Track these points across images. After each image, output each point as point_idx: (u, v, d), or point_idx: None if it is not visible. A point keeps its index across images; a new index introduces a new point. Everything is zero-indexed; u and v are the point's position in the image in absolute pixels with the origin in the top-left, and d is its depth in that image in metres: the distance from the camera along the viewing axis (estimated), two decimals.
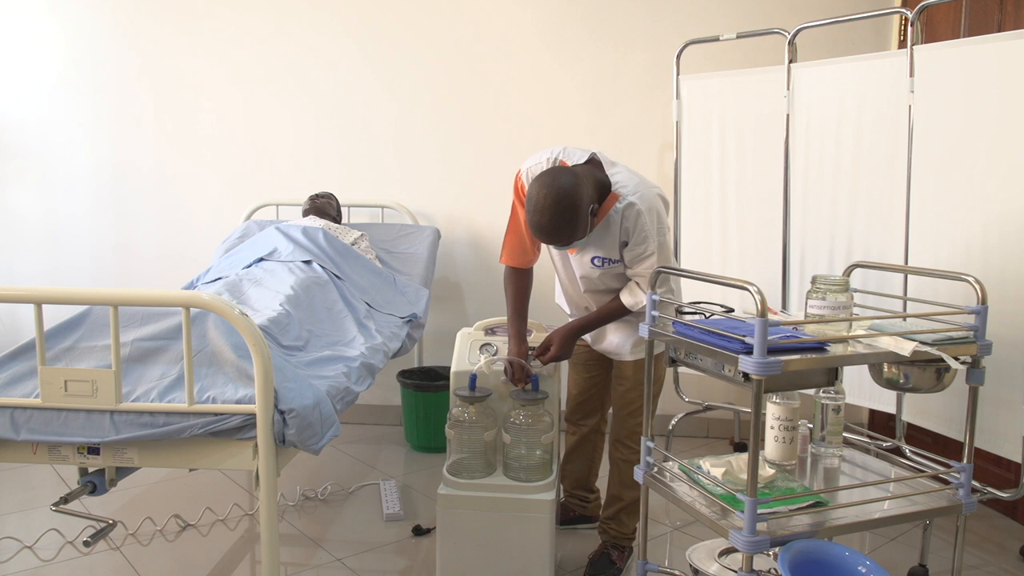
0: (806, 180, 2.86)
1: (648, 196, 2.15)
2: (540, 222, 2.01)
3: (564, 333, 2.30)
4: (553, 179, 2.00)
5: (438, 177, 3.74)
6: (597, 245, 2.20)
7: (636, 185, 2.15)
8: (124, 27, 3.78)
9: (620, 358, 2.40)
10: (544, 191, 1.99)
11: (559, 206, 1.98)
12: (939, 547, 2.51)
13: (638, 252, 2.16)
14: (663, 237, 2.16)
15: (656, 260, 2.14)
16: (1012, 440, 2.23)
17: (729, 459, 1.91)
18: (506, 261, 2.38)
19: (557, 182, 1.99)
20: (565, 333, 2.30)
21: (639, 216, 2.11)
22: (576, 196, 1.99)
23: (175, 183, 3.85)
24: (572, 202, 1.98)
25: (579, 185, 2.01)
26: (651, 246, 2.14)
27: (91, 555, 2.46)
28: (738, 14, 3.46)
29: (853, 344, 1.75)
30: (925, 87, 2.44)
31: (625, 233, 2.16)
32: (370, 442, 3.61)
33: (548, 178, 2.01)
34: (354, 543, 2.60)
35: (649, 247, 2.14)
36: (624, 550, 2.47)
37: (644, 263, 2.17)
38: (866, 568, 1.64)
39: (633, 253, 2.17)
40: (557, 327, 2.34)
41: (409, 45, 3.67)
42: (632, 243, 2.16)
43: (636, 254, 2.17)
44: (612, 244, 2.19)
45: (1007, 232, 2.25)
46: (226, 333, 1.92)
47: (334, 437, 1.94)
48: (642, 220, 2.12)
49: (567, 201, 1.98)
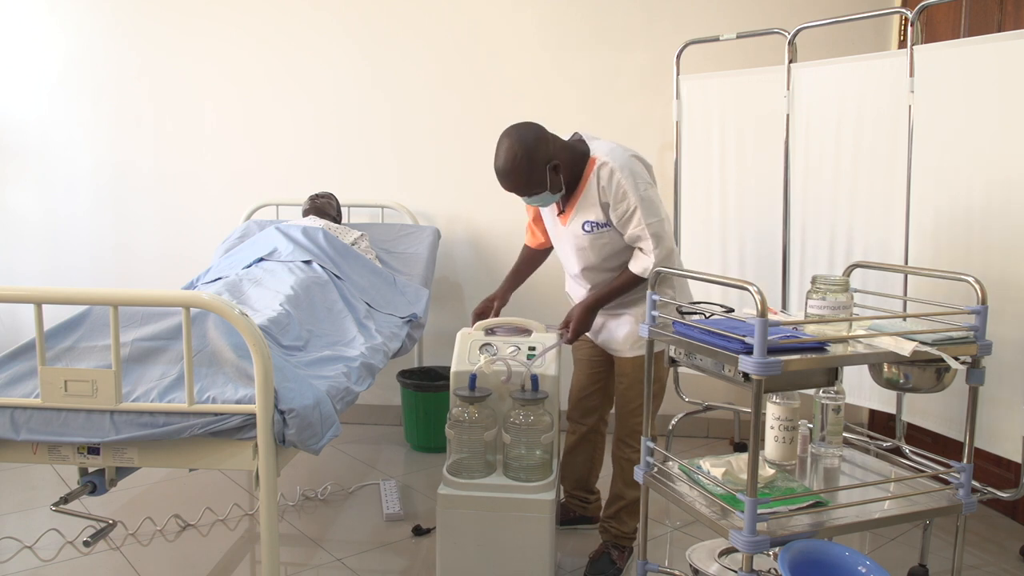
0: (806, 180, 2.86)
1: (620, 156, 2.23)
2: (497, 166, 2.19)
3: (581, 308, 2.35)
4: (515, 129, 2.19)
5: (438, 177, 3.75)
6: (585, 211, 2.29)
7: (610, 149, 2.25)
8: (124, 27, 3.78)
9: (619, 354, 2.42)
10: (504, 140, 2.19)
11: (512, 150, 2.15)
12: (939, 547, 2.51)
13: (621, 211, 2.22)
14: (644, 191, 2.21)
15: (642, 214, 2.20)
16: (1012, 440, 2.23)
17: (729, 459, 1.91)
18: (526, 243, 2.66)
19: (517, 132, 2.18)
20: (582, 308, 2.35)
21: (612, 174, 2.20)
22: (531, 146, 2.15)
23: (175, 183, 3.85)
24: (526, 150, 2.15)
25: (538, 139, 2.18)
26: (631, 201, 2.19)
27: (91, 555, 2.46)
28: (738, 14, 3.46)
29: (853, 344, 1.75)
30: (925, 87, 2.44)
31: (604, 193, 2.23)
32: (370, 442, 3.61)
33: (510, 128, 2.20)
34: (354, 543, 2.60)
35: (630, 202, 2.20)
36: (625, 550, 2.48)
37: (632, 220, 2.22)
38: (866, 568, 1.64)
39: (618, 213, 2.23)
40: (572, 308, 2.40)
41: (409, 45, 3.67)
42: (613, 203, 2.22)
43: (620, 213, 2.22)
44: (595, 207, 2.26)
45: (1007, 232, 2.25)
46: (226, 333, 1.92)
47: (334, 437, 1.94)
48: (616, 177, 2.20)
49: (521, 148, 2.15)
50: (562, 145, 2.26)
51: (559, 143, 2.25)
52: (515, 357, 2.33)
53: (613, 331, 2.43)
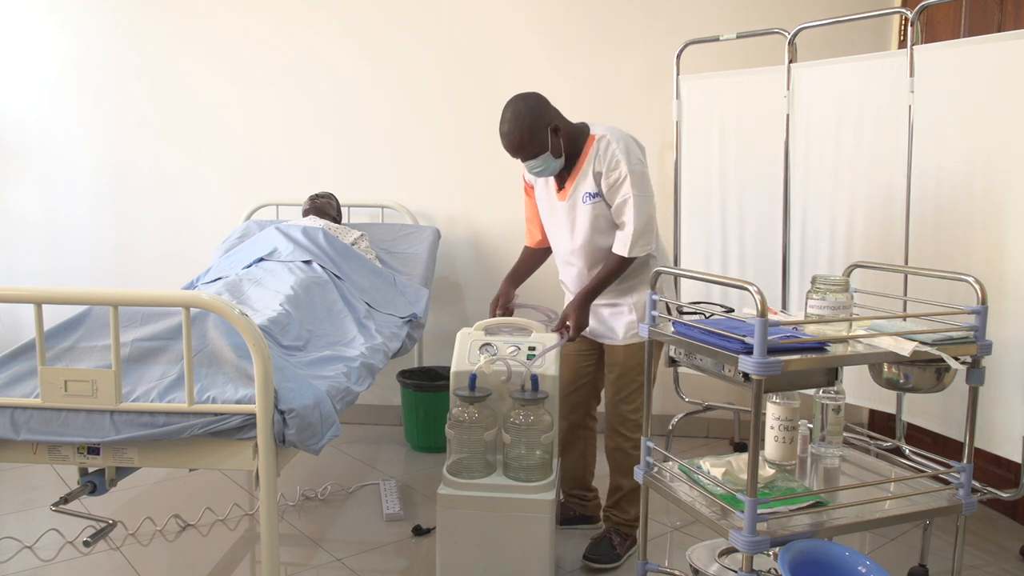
0: (806, 180, 2.86)
1: (618, 132, 2.35)
2: (501, 127, 2.30)
3: (576, 304, 2.39)
4: (518, 95, 2.32)
5: (438, 177, 3.75)
6: (584, 184, 2.38)
7: (610, 127, 2.37)
8: (124, 27, 3.78)
9: (612, 342, 2.45)
10: (508, 103, 2.31)
11: (516, 111, 2.28)
12: (939, 547, 2.51)
13: (613, 179, 2.31)
14: (636, 166, 2.31)
15: (631, 184, 2.28)
16: (1012, 440, 2.23)
17: (729, 459, 1.91)
18: (527, 243, 2.69)
19: (521, 96, 2.31)
20: (577, 303, 2.39)
21: (608, 144, 2.31)
22: (534, 108, 2.28)
23: (175, 183, 3.85)
24: (529, 110, 2.27)
25: (540, 102, 2.31)
26: (623, 170, 2.29)
27: (91, 555, 2.46)
28: (738, 14, 3.46)
29: (853, 344, 1.75)
30: (925, 87, 2.44)
31: (599, 162, 2.33)
32: (370, 442, 3.61)
33: (514, 96, 2.32)
34: (354, 543, 2.60)
35: (622, 171, 2.29)
36: (627, 538, 2.53)
37: (621, 190, 2.30)
38: (866, 568, 1.64)
39: (609, 181, 2.32)
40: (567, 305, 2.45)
41: (410, 46, 3.67)
42: (606, 172, 2.32)
43: (612, 181, 2.32)
44: (590, 178, 2.36)
45: (1007, 232, 2.25)
46: (226, 333, 1.92)
47: (334, 437, 1.94)
48: (611, 148, 2.31)
49: (525, 108, 2.27)
50: (564, 117, 2.38)
51: (560, 115, 2.37)
52: (515, 357, 2.33)
53: (605, 320, 2.47)
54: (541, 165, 2.34)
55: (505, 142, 2.31)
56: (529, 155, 2.31)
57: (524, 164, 2.37)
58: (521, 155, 2.32)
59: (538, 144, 2.29)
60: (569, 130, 2.36)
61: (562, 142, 2.33)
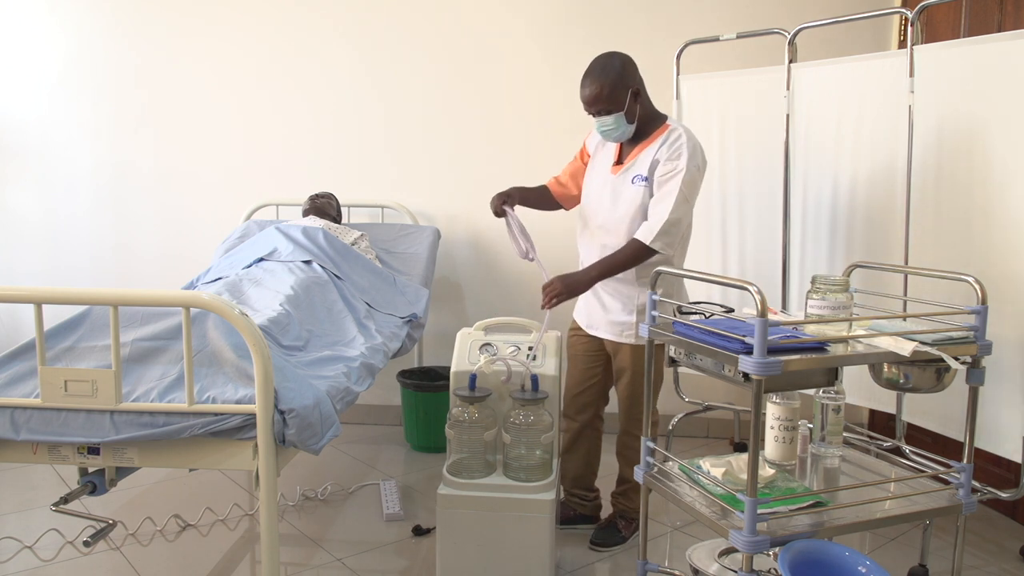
0: (806, 180, 2.86)
1: (692, 134, 2.36)
2: (584, 80, 2.31)
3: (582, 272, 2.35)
4: (611, 51, 2.36)
5: (438, 177, 3.74)
6: (641, 164, 2.37)
7: (687, 128, 2.38)
8: (124, 28, 3.78)
9: (618, 340, 2.44)
10: (599, 56, 2.34)
11: (609, 59, 2.31)
12: (939, 547, 2.51)
13: (668, 168, 2.30)
14: (694, 170, 2.30)
15: (682, 182, 2.27)
16: (1012, 440, 2.23)
17: (729, 459, 1.91)
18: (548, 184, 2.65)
19: (612, 52, 2.35)
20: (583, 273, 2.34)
21: (679, 137, 2.32)
22: (620, 66, 2.30)
23: (175, 183, 3.85)
24: (617, 67, 2.29)
25: (629, 65, 2.33)
26: (681, 163, 2.29)
27: (91, 555, 2.46)
28: (738, 14, 3.46)
29: (853, 344, 1.75)
30: (925, 87, 2.44)
31: (664, 150, 2.32)
32: (370, 442, 3.61)
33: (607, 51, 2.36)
34: (354, 543, 2.60)
35: (680, 164, 2.29)
36: (632, 522, 2.58)
37: (670, 182, 2.29)
38: (866, 568, 1.64)
39: (664, 169, 2.31)
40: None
41: (410, 46, 3.67)
42: (665, 159, 2.31)
43: (666, 170, 2.31)
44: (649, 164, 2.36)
45: (1007, 232, 2.24)
46: (226, 333, 1.92)
47: (334, 437, 1.94)
48: (680, 141, 2.31)
49: (613, 62, 2.30)
50: (646, 91, 2.39)
51: (644, 87, 2.38)
52: (515, 357, 2.33)
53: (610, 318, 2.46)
54: (612, 124, 2.33)
55: (584, 93, 2.31)
56: (604, 109, 2.31)
57: (596, 120, 2.35)
58: (597, 107, 2.32)
59: (617, 101, 2.29)
60: (648, 107, 2.38)
61: (638, 111, 2.34)
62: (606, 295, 2.47)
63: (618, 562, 2.51)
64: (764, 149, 2.94)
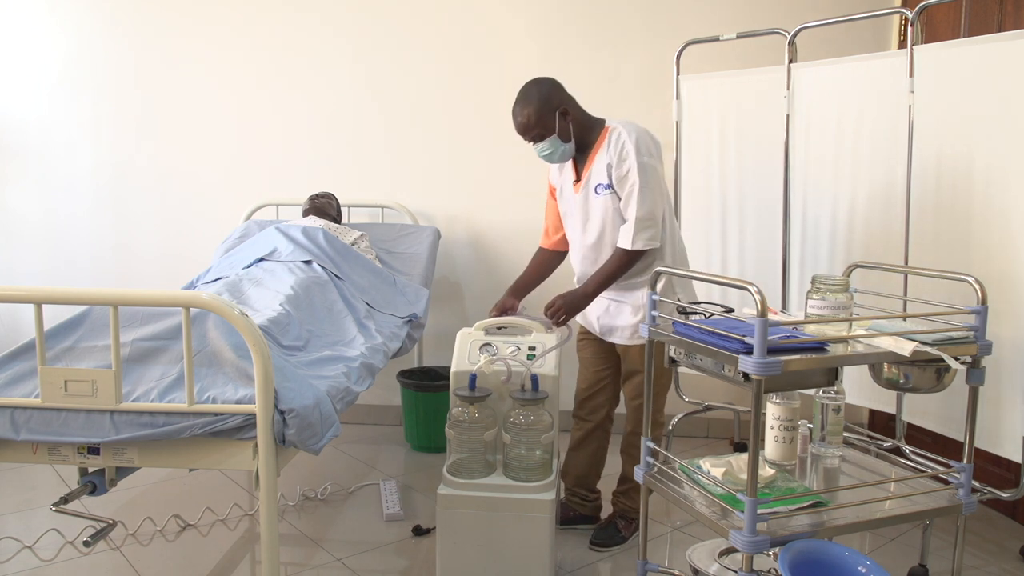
0: (806, 180, 2.86)
1: (633, 127, 2.36)
2: (513, 111, 2.38)
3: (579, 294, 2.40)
4: (533, 78, 2.40)
5: (438, 177, 3.74)
6: (597, 175, 2.40)
7: (626, 121, 2.39)
8: (124, 28, 3.78)
9: (630, 342, 2.46)
10: (524, 85, 2.39)
11: (527, 90, 2.36)
12: (939, 547, 2.51)
13: (623, 170, 2.33)
14: (646, 158, 2.31)
15: (637, 175, 2.29)
16: (1012, 440, 2.23)
17: (729, 459, 1.91)
18: (541, 244, 2.70)
19: (536, 79, 2.40)
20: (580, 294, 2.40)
21: (620, 137, 2.34)
22: (545, 89, 2.36)
23: (175, 183, 3.85)
24: (539, 91, 2.35)
25: (554, 86, 2.39)
26: (631, 160, 2.30)
27: (91, 555, 2.46)
28: (738, 14, 3.46)
29: (853, 344, 1.75)
30: (925, 87, 2.44)
31: (611, 154, 2.35)
32: (370, 442, 3.61)
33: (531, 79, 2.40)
34: (354, 543, 2.60)
35: (630, 162, 2.30)
36: (632, 522, 2.58)
37: (627, 180, 2.31)
38: (866, 568, 1.64)
39: (620, 172, 2.34)
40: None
41: (410, 46, 3.67)
42: (616, 162, 2.34)
43: (621, 173, 2.33)
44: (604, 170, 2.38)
45: (1007, 232, 2.24)
46: (226, 333, 1.92)
47: (334, 437, 1.94)
48: (623, 140, 2.33)
49: (536, 89, 2.36)
50: (578, 105, 2.43)
51: (575, 102, 2.42)
52: (515, 357, 2.33)
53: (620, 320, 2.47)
54: (548, 148, 2.37)
55: (515, 124, 2.38)
56: (536, 136, 2.36)
57: (534, 148, 2.40)
58: (528, 136, 2.37)
59: (545, 126, 2.34)
60: (582, 119, 2.41)
61: (572, 128, 2.36)
62: (613, 301, 2.49)
63: (618, 562, 2.51)
64: (764, 149, 2.94)
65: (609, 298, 2.49)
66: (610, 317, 2.50)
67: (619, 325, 2.47)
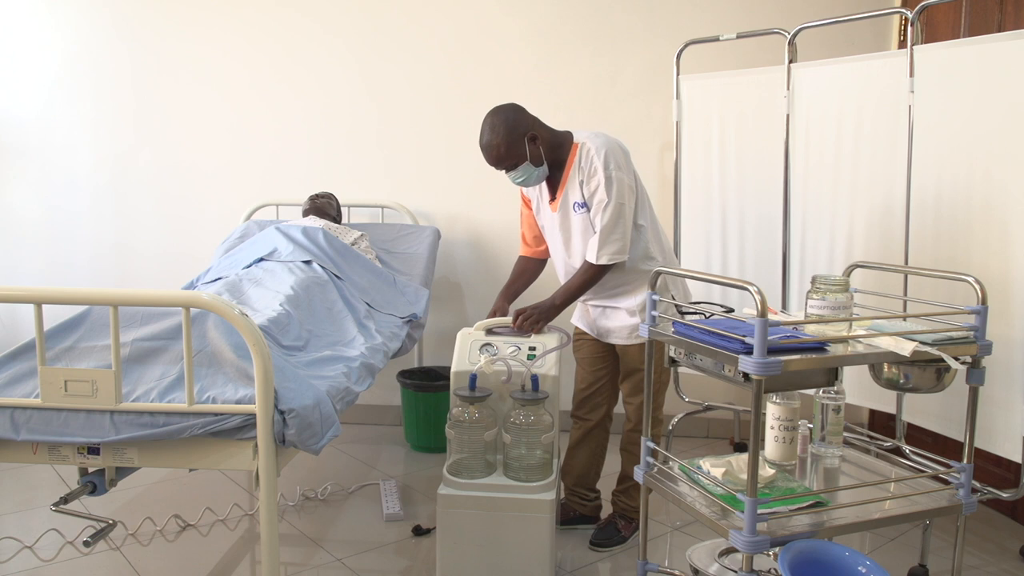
0: (806, 180, 2.86)
1: (599, 139, 2.35)
2: (480, 140, 2.33)
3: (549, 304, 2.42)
4: (496, 107, 2.35)
5: (438, 177, 3.74)
6: (572, 192, 2.39)
7: (592, 134, 2.38)
8: (124, 28, 3.78)
9: (626, 343, 2.46)
10: (486, 117, 2.34)
11: (492, 123, 2.31)
12: (939, 547, 2.51)
13: (593, 186, 2.33)
14: (613, 171, 2.30)
15: (606, 191, 2.29)
16: (1012, 440, 2.23)
17: (729, 459, 1.91)
18: (520, 252, 2.69)
19: (497, 108, 2.34)
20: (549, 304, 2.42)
21: (588, 152, 2.33)
22: (509, 118, 2.30)
23: (175, 182, 3.85)
24: (504, 121, 2.30)
25: (517, 112, 2.33)
26: (599, 176, 2.30)
27: (91, 555, 2.46)
28: (738, 14, 3.46)
29: (853, 344, 1.75)
30: (925, 87, 2.44)
31: (582, 172, 2.35)
32: (370, 442, 3.61)
33: (491, 109, 2.35)
34: (354, 543, 2.60)
35: (599, 178, 2.30)
36: (632, 522, 2.59)
37: (596, 195, 2.31)
38: (866, 568, 1.64)
39: (589, 188, 2.34)
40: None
41: (410, 46, 3.67)
42: (586, 179, 2.34)
43: (591, 189, 2.33)
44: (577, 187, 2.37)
45: (1007, 232, 2.24)
46: (226, 333, 1.92)
47: (334, 437, 1.94)
48: (591, 155, 2.32)
49: (500, 120, 2.30)
50: (543, 125, 2.39)
51: (540, 123, 2.38)
52: (515, 357, 2.33)
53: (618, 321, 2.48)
54: (523, 175, 2.36)
55: (485, 156, 2.35)
56: (509, 166, 2.34)
57: (508, 175, 2.38)
58: (502, 167, 2.35)
59: (516, 155, 2.31)
60: (550, 138, 2.37)
61: (543, 150, 2.34)
62: (606, 308, 2.49)
63: (618, 562, 2.51)
64: (764, 149, 2.94)
65: (604, 305, 2.49)
66: (606, 320, 2.50)
67: (616, 327, 2.48)
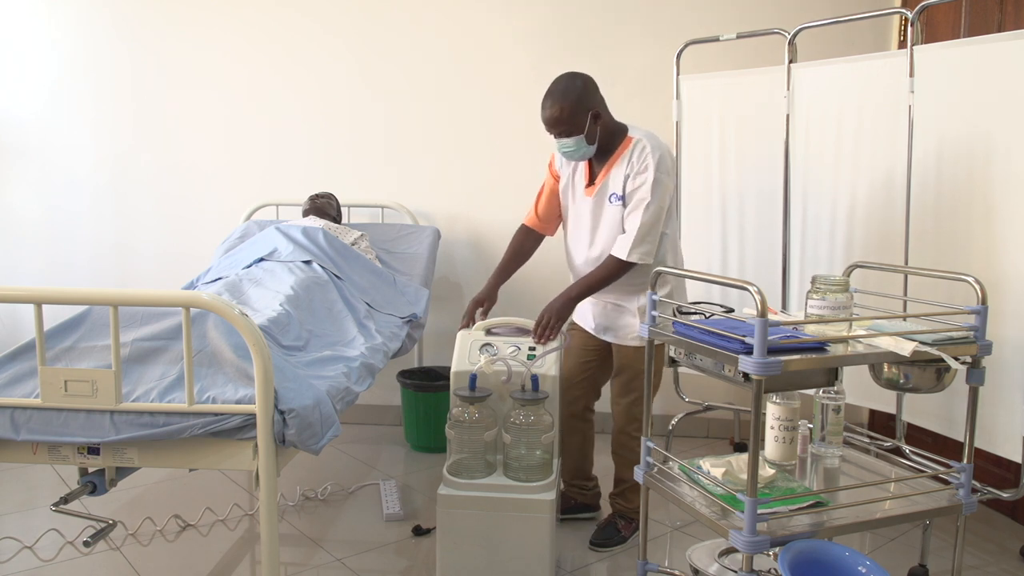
0: (806, 180, 2.86)
1: (656, 140, 2.37)
2: (544, 101, 2.33)
3: (563, 299, 2.38)
4: (571, 72, 2.37)
5: (438, 177, 3.74)
6: (614, 183, 2.39)
7: (648, 133, 2.40)
8: (124, 28, 3.78)
9: (623, 343, 2.46)
10: (559, 78, 2.36)
11: (567, 82, 2.32)
12: (939, 547, 2.51)
13: (639, 182, 2.33)
14: (662, 176, 2.33)
15: (651, 190, 2.29)
16: (1012, 440, 2.23)
17: (729, 459, 1.91)
18: (524, 221, 2.65)
19: (572, 73, 2.36)
20: (564, 299, 2.38)
21: (643, 149, 2.34)
22: (580, 88, 2.31)
23: (175, 182, 3.85)
24: (576, 89, 2.31)
25: (588, 86, 2.34)
26: (649, 175, 2.31)
27: (91, 555, 2.46)
28: (738, 14, 3.46)
29: (853, 344, 1.75)
30: (925, 87, 2.44)
31: (631, 165, 2.35)
32: (370, 442, 3.61)
33: (568, 72, 2.37)
34: (354, 543, 2.60)
35: (648, 175, 2.31)
36: (632, 522, 2.59)
37: (638, 193, 2.32)
38: (866, 568, 1.64)
39: (635, 183, 2.34)
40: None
41: (410, 46, 3.67)
42: (634, 174, 2.34)
43: (636, 184, 2.34)
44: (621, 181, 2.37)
45: (1007, 232, 2.24)
46: (226, 333, 1.92)
47: (334, 437, 1.94)
48: (645, 152, 2.33)
49: (572, 85, 2.32)
50: (607, 108, 2.41)
51: (605, 105, 2.40)
52: (515, 357, 2.33)
53: (616, 319, 2.48)
54: (573, 146, 2.35)
55: (545, 114, 2.33)
56: (564, 132, 2.33)
57: (556, 141, 2.38)
58: (556, 130, 2.34)
59: (576, 124, 2.31)
60: (609, 124, 2.39)
61: (599, 132, 2.35)
62: (613, 304, 2.49)
63: (618, 562, 2.51)
64: (764, 149, 2.94)
65: (611, 301, 2.48)
66: (608, 318, 2.50)
67: (618, 325, 2.48)
